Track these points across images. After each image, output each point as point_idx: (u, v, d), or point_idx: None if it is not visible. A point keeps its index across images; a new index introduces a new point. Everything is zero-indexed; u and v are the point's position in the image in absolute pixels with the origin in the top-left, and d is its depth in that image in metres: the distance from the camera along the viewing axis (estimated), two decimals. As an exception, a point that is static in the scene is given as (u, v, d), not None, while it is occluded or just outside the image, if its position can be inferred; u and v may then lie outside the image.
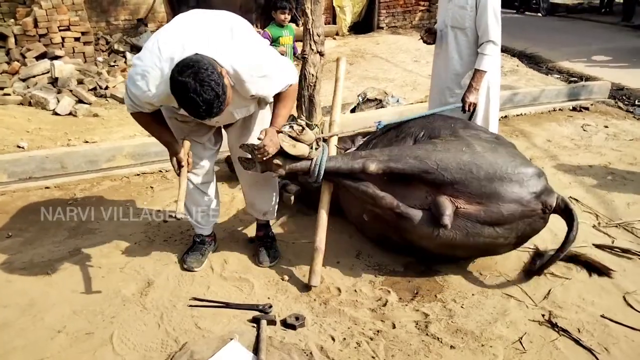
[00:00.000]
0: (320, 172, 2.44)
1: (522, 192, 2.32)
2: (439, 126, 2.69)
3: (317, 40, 4.00)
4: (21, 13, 6.53)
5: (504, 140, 2.66)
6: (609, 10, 12.76)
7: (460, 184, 2.33)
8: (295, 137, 2.38)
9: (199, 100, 1.89)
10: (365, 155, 2.50)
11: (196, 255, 2.74)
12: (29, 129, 4.64)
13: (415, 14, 10.58)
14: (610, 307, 2.38)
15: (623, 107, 5.61)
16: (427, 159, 2.38)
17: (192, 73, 1.88)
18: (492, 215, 2.32)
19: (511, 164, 2.36)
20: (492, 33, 3.02)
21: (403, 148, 2.53)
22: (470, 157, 2.35)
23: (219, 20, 2.20)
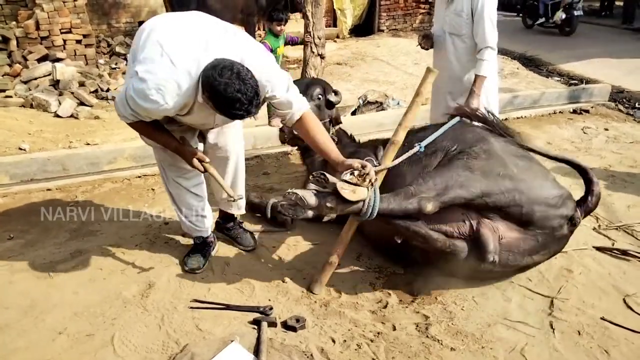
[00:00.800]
0: (373, 213, 2.25)
1: (556, 217, 2.34)
2: (469, 138, 2.60)
3: (318, 43, 4.03)
4: (23, 15, 6.56)
5: (528, 152, 2.62)
6: (609, 13, 12.80)
7: (502, 210, 2.32)
8: (355, 183, 2.21)
9: (244, 98, 1.97)
10: (415, 192, 2.33)
11: (197, 257, 2.75)
12: (31, 131, 4.65)
13: (415, 17, 10.60)
14: (610, 309, 2.38)
15: (623, 110, 5.62)
16: (471, 186, 2.31)
17: (234, 74, 1.96)
18: (531, 244, 2.35)
19: (547, 187, 2.37)
20: (489, 39, 3.06)
21: (444, 175, 2.38)
22: (511, 182, 2.32)
23: (217, 24, 2.23)
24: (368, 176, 2.21)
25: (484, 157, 2.43)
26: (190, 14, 2.27)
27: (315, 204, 2.19)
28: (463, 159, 2.45)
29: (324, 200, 2.19)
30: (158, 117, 2.21)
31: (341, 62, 7.92)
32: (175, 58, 2.03)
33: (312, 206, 2.19)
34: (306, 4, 3.99)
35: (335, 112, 3.28)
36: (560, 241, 2.45)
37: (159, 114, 2.14)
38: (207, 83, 1.98)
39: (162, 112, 2.11)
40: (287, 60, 8.11)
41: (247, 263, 2.80)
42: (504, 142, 2.57)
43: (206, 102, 2.07)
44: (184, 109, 2.17)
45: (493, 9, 3.06)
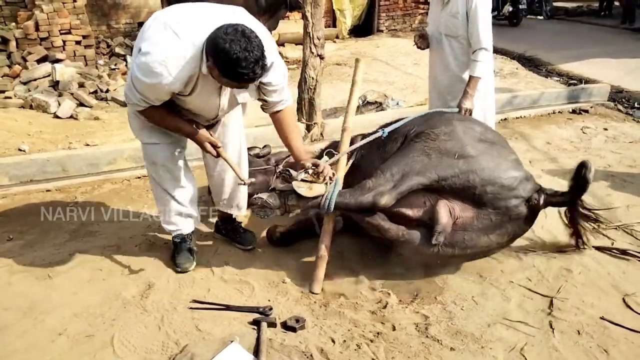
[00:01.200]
0: (330, 206, 2.43)
1: (510, 198, 2.37)
2: (433, 121, 2.67)
3: (317, 44, 4.03)
4: (22, 17, 6.56)
5: (495, 135, 2.67)
6: (608, 13, 12.82)
7: (457, 192, 2.38)
8: (311, 180, 2.43)
9: (250, 56, 1.94)
10: (372, 186, 2.45)
11: (185, 255, 2.73)
12: (30, 132, 4.66)
13: (414, 17, 10.61)
14: (609, 309, 2.38)
15: (622, 110, 5.63)
16: (427, 171, 2.40)
17: (240, 33, 1.95)
18: (485, 223, 2.38)
19: (503, 168, 2.39)
20: (483, 40, 3.06)
21: (400, 164, 2.48)
22: (466, 163, 2.38)
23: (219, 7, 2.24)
24: (322, 174, 2.42)
25: (443, 139, 2.49)
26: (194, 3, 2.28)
27: (279, 204, 2.46)
28: (421, 141, 2.52)
29: (286, 199, 2.46)
30: (165, 97, 2.19)
31: (340, 62, 7.92)
32: (178, 30, 2.03)
33: (276, 206, 2.46)
34: (305, 4, 3.99)
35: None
36: (518, 222, 2.44)
37: (165, 90, 2.12)
38: (212, 44, 1.96)
39: (167, 87, 2.09)
40: (287, 61, 8.11)
41: (247, 263, 2.80)
42: (469, 124, 2.61)
43: (211, 70, 2.04)
44: (188, 84, 2.15)
45: (487, 11, 3.07)
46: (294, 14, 9.14)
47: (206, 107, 2.38)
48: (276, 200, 2.45)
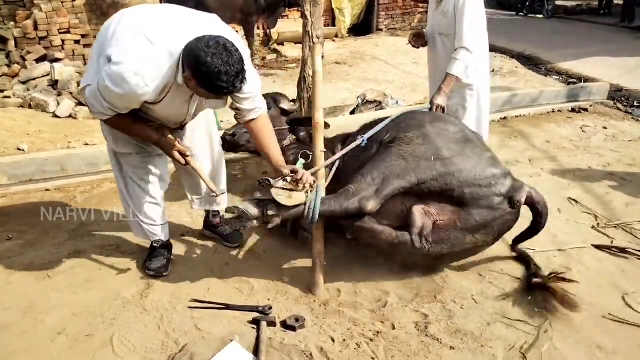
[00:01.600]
0: (315, 216, 2.32)
1: (490, 196, 2.36)
2: (405, 125, 2.64)
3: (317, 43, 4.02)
4: (21, 16, 6.54)
5: (468, 133, 2.63)
6: (608, 11, 12.81)
7: (436, 194, 2.37)
8: (290, 188, 2.30)
9: (231, 70, 1.91)
10: (355, 191, 2.40)
11: (160, 260, 2.71)
12: (29, 132, 4.65)
13: (414, 16, 10.60)
14: (609, 307, 2.38)
15: (622, 108, 5.62)
16: (407, 175, 2.37)
17: (222, 46, 1.90)
18: (468, 223, 2.38)
19: (479, 168, 2.38)
20: (466, 40, 3.01)
21: (379, 168, 2.43)
22: (443, 166, 2.36)
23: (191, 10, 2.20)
24: (301, 181, 2.27)
25: (417, 143, 2.47)
26: (165, 4, 2.21)
27: (258, 214, 2.30)
28: (396, 146, 2.49)
29: (266, 209, 2.30)
30: (136, 106, 2.11)
31: (340, 61, 7.92)
32: (152, 36, 1.94)
33: (255, 216, 2.29)
34: (304, 3, 3.98)
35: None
36: (502, 219, 2.42)
37: (138, 99, 2.03)
38: (192, 56, 1.90)
39: (141, 96, 2.00)
40: (286, 60, 8.11)
41: (246, 263, 2.80)
42: (442, 126, 2.58)
43: (187, 81, 1.98)
44: (162, 93, 2.08)
45: (474, 11, 3.02)
46: (293, 13, 9.14)
47: (174, 114, 2.33)
48: (254, 209, 2.29)
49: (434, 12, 3.28)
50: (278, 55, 8.39)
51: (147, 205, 2.59)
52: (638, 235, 3.00)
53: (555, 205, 3.38)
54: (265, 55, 8.34)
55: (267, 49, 8.79)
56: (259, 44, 8.69)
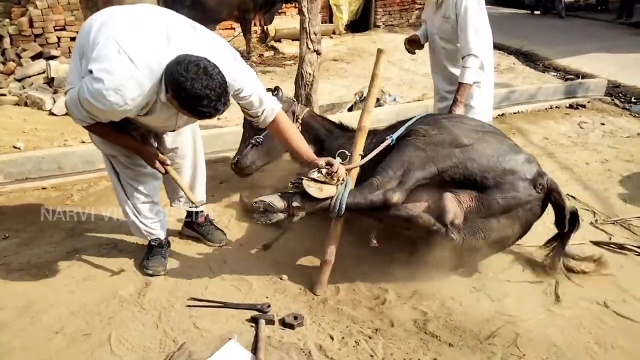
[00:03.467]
0: (341, 208, 2.32)
1: (514, 180, 2.32)
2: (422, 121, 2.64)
3: (314, 39, 4.00)
4: (16, 13, 6.49)
5: (487, 126, 2.64)
6: (605, 8, 12.79)
7: (460, 182, 2.34)
8: (323, 181, 2.28)
9: (212, 94, 1.89)
10: (379, 184, 2.38)
11: (158, 259, 2.70)
12: (25, 130, 4.62)
13: (411, 13, 10.57)
14: (608, 303, 2.38)
15: (619, 105, 5.62)
16: (427, 165, 2.36)
17: (201, 69, 1.87)
18: (493, 208, 2.32)
19: (500, 153, 2.35)
20: (472, 47, 3.00)
21: (399, 161, 2.43)
22: (462, 152, 2.35)
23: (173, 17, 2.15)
24: (336, 174, 2.27)
25: (433, 133, 2.46)
26: (143, 5, 2.16)
27: (283, 207, 2.29)
28: (412, 138, 2.48)
29: (291, 201, 2.29)
30: (116, 119, 2.09)
31: (337, 58, 7.89)
32: (134, 55, 1.91)
33: (280, 209, 2.29)
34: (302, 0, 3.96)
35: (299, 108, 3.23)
36: (528, 205, 2.36)
37: (118, 115, 2.03)
38: (172, 80, 1.88)
39: (121, 113, 2.01)
40: (283, 57, 8.08)
41: (244, 261, 2.80)
42: (458, 119, 2.59)
43: (170, 100, 1.97)
44: (144, 108, 2.07)
45: (476, 15, 3.00)
46: (291, 10, 9.10)
47: (161, 125, 2.33)
48: (280, 202, 2.28)
49: (434, 15, 3.24)
50: (275, 52, 8.36)
51: (142, 204, 2.58)
52: (636, 232, 3.00)
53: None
54: (262, 52, 8.31)
55: (264, 45, 8.75)
56: (256, 41, 8.66)
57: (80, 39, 2.11)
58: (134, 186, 2.53)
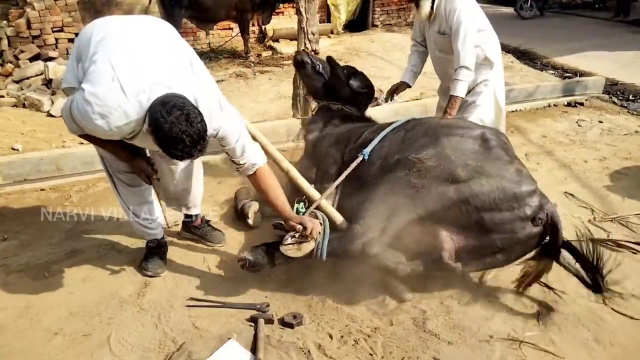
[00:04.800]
0: (322, 257, 2.33)
1: (513, 220, 2.18)
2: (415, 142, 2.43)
3: (312, 39, 4.01)
4: (14, 14, 6.49)
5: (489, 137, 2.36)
6: (602, 6, 12.80)
7: (450, 222, 2.22)
8: (299, 242, 2.32)
9: (188, 140, 1.88)
10: (360, 232, 2.28)
11: (157, 260, 2.70)
12: (24, 131, 4.61)
13: (409, 12, 10.56)
14: (606, 301, 2.38)
15: (617, 102, 5.63)
16: (416, 209, 2.23)
17: (183, 115, 1.87)
18: (488, 248, 2.25)
19: (499, 190, 2.16)
20: (464, 59, 2.97)
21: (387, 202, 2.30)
22: (457, 192, 2.18)
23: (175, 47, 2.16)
24: (311, 235, 2.28)
25: (429, 165, 2.26)
26: (143, 24, 2.18)
27: (266, 262, 2.40)
28: (404, 172, 2.30)
29: (274, 256, 2.40)
30: (103, 138, 2.12)
31: (335, 57, 7.85)
32: (127, 85, 1.91)
33: (264, 264, 2.40)
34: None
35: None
36: (526, 242, 2.26)
37: (103, 136, 2.06)
38: (153, 119, 1.89)
39: (105, 136, 2.04)
40: (281, 57, 8.08)
41: (244, 260, 2.79)
42: (459, 137, 2.35)
43: (149, 134, 1.97)
44: (129, 134, 2.08)
45: (467, 27, 2.96)
46: (288, 9, 9.10)
47: (148, 147, 2.37)
48: (263, 259, 2.39)
49: (428, 30, 3.22)
50: (273, 52, 8.35)
51: (139, 205, 2.59)
52: (634, 229, 3.01)
53: (552, 200, 3.35)
54: (260, 52, 8.30)
55: (262, 45, 8.75)
56: (254, 41, 8.65)
57: (80, 43, 2.12)
58: (129, 188, 2.54)
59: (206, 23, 7.47)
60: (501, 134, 2.56)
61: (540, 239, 2.29)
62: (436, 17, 3.07)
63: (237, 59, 7.76)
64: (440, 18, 3.04)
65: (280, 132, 4.26)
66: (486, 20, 3.19)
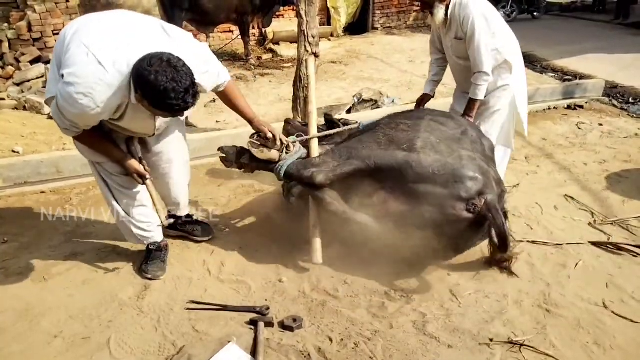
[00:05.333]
0: (280, 173, 2.63)
1: (444, 196, 2.23)
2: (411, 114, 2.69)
3: (312, 42, 4.01)
4: (15, 17, 6.51)
5: (471, 134, 2.53)
6: (602, 8, 12.83)
7: (391, 182, 2.35)
8: (262, 143, 2.65)
9: (178, 86, 1.89)
10: (318, 163, 2.57)
11: (157, 263, 2.70)
12: (24, 134, 4.62)
13: (409, 15, 10.61)
14: (606, 303, 2.39)
15: (617, 105, 5.64)
16: (367, 159, 2.42)
17: (165, 62, 1.88)
18: (415, 217, 2.28)
19: (441, 164, 2.26)
20: (482, 64, 2.95)
21: (351, 147, 2.55)
22: (405, 155, 2.33)
23: (144, 20, 2.19)
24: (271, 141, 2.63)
25: (402, 129, 2.49)
26: (115, 12, 2.22)
27: (233, 158, 2.79)
28: (381, 129, 2.56)
29: (241, 156, 2.78)
30: (94, 124, 2.12)
31: (335, 60, 7.90)
32: (102, 57, 1.92)
33: (231, 159, 2.79)
34: (300, 2, 3.97)
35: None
36: (457, 225, 2.27)
37: (93, 119, 2.06)
38: (138, 76, 1.89)
39: (94, 116, 2.03)
40: (281, 60, 8.10)
41: (243, 263, 2.80)
42: (442, 120, 2.56)
43: (140, 101, 1.98)
44: (117, 112, 2.08)
45: (483, 33, 2.93)
46: (289, 12, 9.12)
47: (140, 129, 2.36)
48: (233, 155, 2.78)
49: (445, 38, 3.18)
50: (274, 55, 8.37)
51: (135, 209, 2.57)
52: (634, 232, 3.01)
53: (551, 202, 3.39)
54: (260, 55, 8.32)
55: (262, 48, 8.77)
56: (254, 44, 8.67)
57: (57, 46, 2.14)
58: (123, 192, 2.52)
59: (206, 26, 7.48)
60: (487, 140, 2.67)
61: (473, 229, 2.31)
62: (452, 24, 3.04)
63: (238, 62, 7.79)
64: (455, 24, 3.02)
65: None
66: (502, 22, 3.16)
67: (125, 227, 2.63)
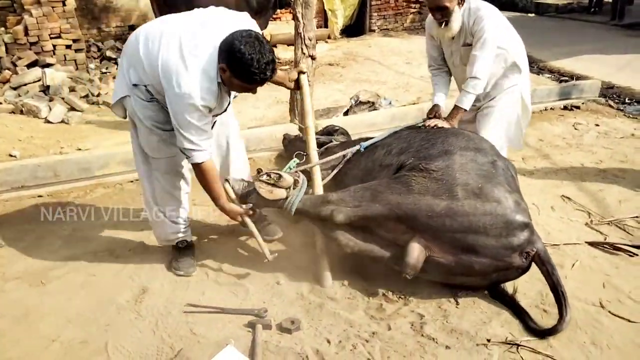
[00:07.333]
0: (291, 210, 2.50)
1: (497, 248, 2.19)
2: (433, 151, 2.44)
3: (309, 44, 4.02)
4: (11, 21, 6.50)
5: (499, 164, 2.40)
6: (598, 9, 12.87)
7: (431, 233, 2.24)
8: (272, 183, 2.51)
9: (263, 59, 2.10)
10: (336, 201, 2.41)
11: (188, 260, 2.75)
12: (21, 138, 4.62)
13: (406, 17, 10.62)
14: (603, 303, 2.40)
15: (613, 106, 5.66)
16: (397, 207, 2.27)
17: (254, 37, 2.12)
18: (464, 267, 2.27)
19: (490, 215, 2.17)
20: (479, 71, 2.91)
21: (376, 190, 2.37)
22: (446, 207, 2.20)
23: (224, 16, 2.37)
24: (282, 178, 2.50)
25: (434, 177, 2.28)
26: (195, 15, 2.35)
27: (239, 194, 2.58)
28: (411, 175, 2.34)
29: (248, 196, 2.58)
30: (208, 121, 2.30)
31: (333, 62, 7.91)
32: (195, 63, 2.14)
33: (237, 194, 2.58)
34: (296, 5, 3.98)
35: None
36: (505, 272, 2.29)
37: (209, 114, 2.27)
38: (227, 45, 2.10)
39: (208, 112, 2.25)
40: (278, 62, 8.10)
41: (241, 266, 2.80)
42: (472, 155, 2.38)
43: (222, 72, 2.17)
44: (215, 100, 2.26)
45: (491, 38, 2.90)
46: (285, 15, 9.13)
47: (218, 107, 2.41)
48: (239, 190, 2.59)
49: (450, 47, 3.14)
50: (271, 57, 8.39)
51: (174, 209, 2.67)
52: (631, 232, 3.02)
53: (548, 203, 3.40)
54: (258, 58, 8.34)
55: (260, 51, 8.78)
56: (251, 46, 8.67)
57: (128, 50, 2.32)
58: (170, 192, 2.62)
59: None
60: (511, 165, 2.58)
61: (521, 274, 2.35)
62: (461, 30, 3.00)
63: (235, 65, 7.78)
64: (464, 31, 2.99)
65: (277, 137, 4.27)
66: (509, 24, 3.17)
67: (161, 229, 2.73)
